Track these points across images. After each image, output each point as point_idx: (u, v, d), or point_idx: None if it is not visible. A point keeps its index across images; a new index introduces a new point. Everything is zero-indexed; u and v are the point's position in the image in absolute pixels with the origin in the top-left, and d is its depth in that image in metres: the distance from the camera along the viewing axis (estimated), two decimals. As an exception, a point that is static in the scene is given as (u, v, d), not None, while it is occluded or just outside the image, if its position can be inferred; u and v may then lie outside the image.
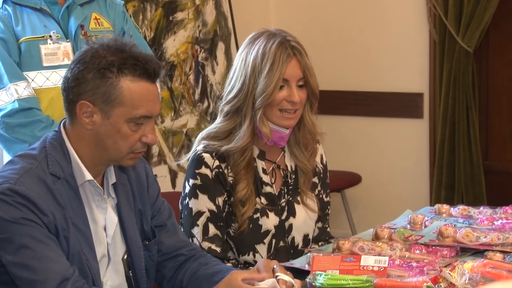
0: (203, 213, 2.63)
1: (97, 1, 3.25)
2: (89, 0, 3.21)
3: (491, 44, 5.01)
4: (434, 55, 4.99)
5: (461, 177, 4.88)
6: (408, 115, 5.18)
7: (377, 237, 2.65)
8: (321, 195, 2.83)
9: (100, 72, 2.13)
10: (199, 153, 2.66)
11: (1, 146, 3.14)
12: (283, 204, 2.73)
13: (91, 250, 2.20)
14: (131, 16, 3.85)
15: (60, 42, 3.09)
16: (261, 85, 2.60)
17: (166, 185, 4.50)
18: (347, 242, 2.54)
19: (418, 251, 2.49)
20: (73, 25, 3.13)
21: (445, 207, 2.93)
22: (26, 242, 2.06)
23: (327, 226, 2.87)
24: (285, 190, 2.74)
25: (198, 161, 2.65)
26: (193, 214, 2.64)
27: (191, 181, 2.65)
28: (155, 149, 4.52)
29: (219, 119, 2.71)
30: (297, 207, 2.75)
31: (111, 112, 2.15)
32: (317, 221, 2.82)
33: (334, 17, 5.34)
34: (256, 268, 2.28)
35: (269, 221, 2.68)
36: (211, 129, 2.71)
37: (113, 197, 2.30)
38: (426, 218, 2.80)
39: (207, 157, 2.65)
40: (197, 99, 4.81)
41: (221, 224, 2.65)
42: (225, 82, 2.74)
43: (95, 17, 3.20)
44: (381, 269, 2.31)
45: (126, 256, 2.31)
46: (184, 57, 4.72)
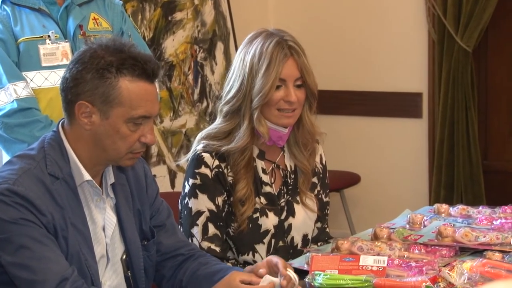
0: (203, 212, 2.63)
1: (96, 1, 3.24)
2: (88, 0, 3.21)
3: (490, 44, 5.00)
4: (433, 54, 4.99)
5: (460, 176, 4.88)
6: (407, 115, 5.17)
7: (376, 237, 2.65)
8: (320, 195, 2.83)
9: (99, 72, 2.13)
10: (198, 152, 2.65)
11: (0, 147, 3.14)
12: (283, 204, 2.73)
13: (90, 250, 2.19)
14: (129, 16, 3.85)
15: (58, 42, 3.09)
16: (258, 84, 2.60)
17: (165, 185, 4.50)
18: (346, 242, 2.54)
19: (417, 251, 2.49)
20: (71, 25, 3.13)
21: (444, 206, 2.93)
22: (25, 243, 2.06)
23: (326, 226, 2.87)
24: (285, 190, 2.74)
25: (197, 161, 2.64)
26: (192, 213, 2.64)
27: (190, 181, 2.65)
28: (154, 149, 4.52)
29: (219, 119, 2.71)
30: (297, 207, 2.75)
31: (109, 112, 2.14)
32: (316, 221, 2.82)
33: (333, 17, 5.34)
34: (254, 268, 2.28)
35: (269, 221, 2.68)
36: (211, 129, 2.71)
37: (112, 197, 2.30)
38: (425, 218, 2.79)
39: (206, 156, 2.65)
40: (196, 99, 4.80)
41: (221, 224, 2.65)
42: (224, 82, 2.74)
43: (94, 17, 3.19)
44: (380, 269, 2.31)
45: (125, 256, 2.31)
46: (183, 57, 4.72)
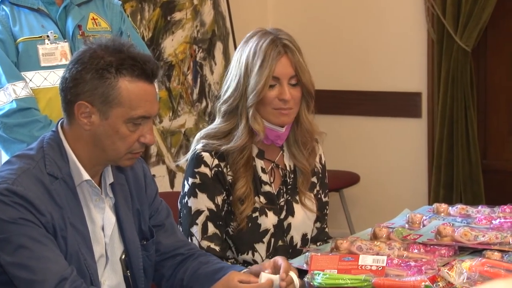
0: (202, 212, 2.63)
1: (95, 1, 3.24)
2: (87, 0, 3.21)
3: (489, 43, 5.01)
4: (432, 54, 4.99)
5: (460, 176, 4.88)
6: (407, 115, 5.17)
7: (375, 237, 2.65)
8: (319, 195, 2.83)
9: (99, 72, 2.13)
10: (198, 152, 2.65)
11: (-1, 146, 3.15)
12: (282, 204, 2.73)
13: (89, 250, 2.19)
14: (128, 16, 3.85)
15: (57, 42, 3.09)
16: (251, 83, 2.60)
17: (164, 185, 4.50)
18: (345, 241, 2.54)
19: (416, 250, 2.49)
20: (70, 25, 3.13)
21: (443, 206, 2.92)
22: (24, 242, 2.06)
23: (325, 226, 2.87)
24: (284, 189, 2.74)
25: (197, 160, 2.65)
26: (192, 213, 2.64)
27: (190, 180, 2.65)
28: (153, 149, 4.52)
29: (218, 119, 2.71)
30: (296, 206, 2.75)
31: (109, 112, 2.14)
32: (316, 221, 2.82)
33: (332, 16, 5.34)
34: (261, 268, 2.28)
35: (268, 220, 2.68)
36: (210, 129, 2.71)
37: (111, 197, 2.30)
38: (424, 217, 2.79)
39: (206, 156, 2.65)
40: (195, 99, 4.80)
41: (220, 223, 2.65)
42: (222, 82, 2.74)
43: (93, 17, 3.19)
44: (379, 269, 2.31)
45: (124, 256, 2.31)
46: (182, 57, 4.72)
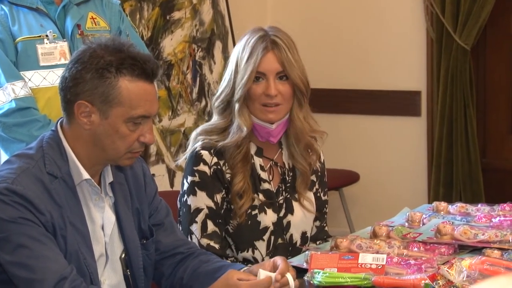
0: (202, 210, 2.63)
1: (94, 0, 3.24)
2: (85, 0, 3.21)
3: (488, 42, 5.00)
4: (431, 53, 4.99)
5: (459, 174, 4.88)
6: (406, 113, 5.17)
7: (375, 235, 2.65)
8: (319, 193, 2.83)
9: (99, 72, 2.13)
10: (197, 150, 2.66)
11: (-2, 146, 3.14)
12: (281, 201, 2.73)
13: (88, 249, 2.19)
14: (127, 16, 3.85)
15: (56, 41, 3.09)
16: (238, 77, 2.62)
17: (164, 184, 4.50)
18: (345, 240, 2.54)
19: (416, 249, 2.49)
20: (69, 25, 3.13)
21: (443, 204, 2.93)
22: (23, 242, 2.06)
23: (325, 225, 2.87)
24: (283, 187, 2.74)
25: (196, 158, 2.65)
26: (191, 211, 2.64)
27: (189, 178, 2.66)
28: (153, 149, 4.52)
29: (215, 116, 2.72)
30: (295, 204, 2.75)
31: (109, 112, 2.14)
32: (315, 220, 2.82)
33: (331, 15, 5.34)
34: (261, 267, 2.28)
35: (267, 218, 2.68)
36: (207, 125, 2.72)
37: (111, 196, 2.30)
38: (424, 216, 2.80)
39: (205, 154, 2.65)
40: (195, 98, 4.80)
41: (220, 221, 2.65)
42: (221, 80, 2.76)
43: (92, 16, 3.19)
44: (379, 267, 2.31)
45: (124, 255, 2.31)
46: (181, 56, 4.72)
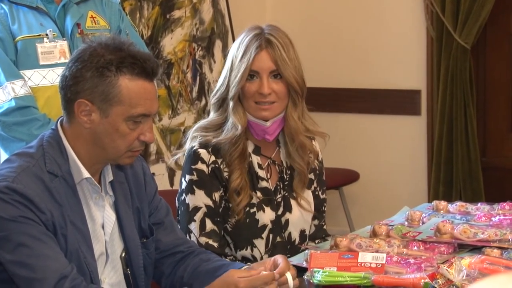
0: (200, 208, 2.64)
1: (93, -1, 3.25)
2: (85, -1, 3.21)
3: (488, 41, 5.00)
4: (431, 52, 4.99)
5: (459, 173, 4.88)
6: (406, 112, 5.17)
7: (374, 234, 2.65)
8: (317, 192, 2.83)
9: (99, 70, 2.13)
10: (195, 149, 2.66)
11: (-2, 145, 3.14)
12: (279, 200, 2.73)
13: (88, 248, 2.19)
14: (127, 14, 3.85)
15: (56, 40, 3.09)
16: (232, 75, 2.63)
17: (164, 183, 4.50)
18: (344, 239, 2.54)
19: (415, 248, 2.49)
20: (69, 24, 3.13)
21: (443, 203, 2.93)
22: (24, 240, 2.06)
23: (323, 223, 2.87)
24: (281, 185, 2.75)
25: (194, 157, 2.65)
26: (190, 209, 2.65)
27: (187, 177, 2.66)
28: (152, 147, 4.52)
29: (211, 113, 2.74)
30: (293, 202, 2.75)
31: (109, 110, 2.14)
32: (313, 218, 2.82)
33: (331, 14, 5.34)
34: (254, 268, 2.28)
35: (266, 216, 2.69)
36: (204, 121, 2.73)
37: (111, 195, 2.30)
38: (424, 215, 2.80)
39: (203, 152, 2.65)
40: (195, 97, 4.80)
41: (218, 219, 2.66)
42: (220, 79, 2.77)
43: (91, 15, 3.19)
44: (379, 266, 2.31)
45: (124, 254, 2.31)
46: (181, 55, 4.72)
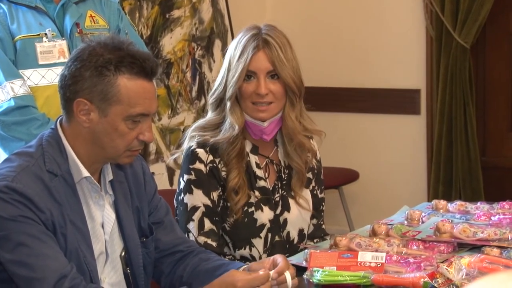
0: (198, 208, 2.64)
1: (92, -2, 3.24)
2: (84, -2, 3.21)
3: (488, 40, 5.00)
4: (431, 51, 4.99)
5: (459, 172, 4.88)
6: (406, 112, 5.17)
7: (374, 233, 2.65)
8: (315, 191, 2.83)
9: (98, 70, 2.13)
10: (192, 148, 2.66)
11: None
12: (277, 199, 2.73)
13: (88, 247, 2.19)
14: (126, 14, 3.85)
15: (55, 40, 3.09)
16: (230, 75, 2.63)
17: (163, 183, 4.50)
18: (344, 238, 2.54)
19: (415, 247, 2.49)
20: (68, 23, 3.12)
21: (442, 202, 2.93)
22: (23, 240, 2.06)
23: (322, 223, 2.87)
24: (279, 185, 2.75)
25: (192, 157, 2.65)
26: (188, 209, 2.65)
27: (185, 177, 2.66)
28: (152, 147, 4.52)
29: (209, 112, 2.74)
30: (291, 202, 2.75)
31: (108, 110, 2.14)
32: (312, 217, 2.82)
33: (331, 13, 5.34)
34: (253, 267, 2.28)
35: (264, 215, 2.69)
36: (202, 121, 2.73)
37: (111, 194, 2.30)
38: (423, 214, 2.80)
39: (201, 152, 2.65)
40: (194, 97, 4.81)
41: (216, 218, 2.66)
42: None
43: (91, 14, 3.19)
44: (379, 265, 2.31)
45: (124, 253, 2.31)
46: (181, 54, 4.72)
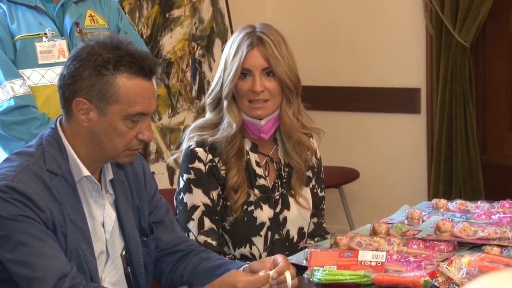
0: (198, 207, 2.64)
1: (92, -2, 3.24)
2: (84, -2, 3.21)
3: (487, 39, 5.00)
4: (431, 50, 4.98)
5: (459, 171, 4.87)
6: (406, 111, 5.17)
7: (374, 232, 2.65)
8: (315, 190, 2.83)
9: (96, 69, 2.13)
10: (192, 148, 2.67)
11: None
12: (277, 197, 2.73)
13: (88, 246, 2.19)
14: (126, 13, 3.84)
15: (55, 39, 3.09)
16: (225, 74, 2.64)
17: (163, 182, 4.50)
18: (344, 237, 2.54)
19: (415, 246, 2.49)
20: (68, 23, 3.12)
21: (443, 201, 2.93)
22: (23, 239, 2.06)
23: (322, 221, 2.87)
24: (279, 183, 2.75)
25: (191, 156, 2.66)
26: (188, 208, 2.65)
27: (185, 176, 2.66)
28: (152, 146, 4.52)
29: (207, 112, 2.75)
30: (291, 200, 2.75)
31: (107, 109, 2.14)
32: (312, 216, 2.82)
33: (330, 13, 5.34)
34: (253, 266, 2.28)
35: (263, 214, 2.69)
36: (200, 121, 2.74)
37: (111, 193, 2.30)
38: (424, 213, 2.80)
39: (200, 151, 2.66)
40: (194, 96, 4.80)
41: (216, 217, 2.66)
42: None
43: (90, 14, 3.19)
44: (379, 264, 2.31)
45: (124, 252, 2.31)
46: (181, 54, 4.72)
